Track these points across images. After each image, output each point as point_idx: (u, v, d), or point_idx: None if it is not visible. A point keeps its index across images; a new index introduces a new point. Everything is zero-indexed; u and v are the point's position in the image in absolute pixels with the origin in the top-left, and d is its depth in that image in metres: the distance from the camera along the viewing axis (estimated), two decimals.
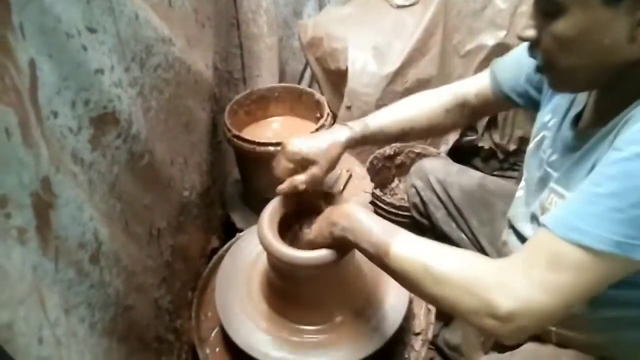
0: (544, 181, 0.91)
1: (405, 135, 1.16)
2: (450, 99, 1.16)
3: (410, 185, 1.50)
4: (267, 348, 1.05)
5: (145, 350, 0.89)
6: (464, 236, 1.36)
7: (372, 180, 1.71)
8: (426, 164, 1.48)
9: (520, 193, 1.03)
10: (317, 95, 1.48)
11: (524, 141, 2.07)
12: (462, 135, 2.05)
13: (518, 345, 1.05)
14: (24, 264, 0.53)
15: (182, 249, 1.09)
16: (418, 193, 1.47)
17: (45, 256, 0.57)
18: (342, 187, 1.62)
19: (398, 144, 1.91)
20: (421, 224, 1.51)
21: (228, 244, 1.34)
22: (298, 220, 1.15)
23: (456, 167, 1.46)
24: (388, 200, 1.68)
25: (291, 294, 1.09)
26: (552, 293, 0.63)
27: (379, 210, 1.71)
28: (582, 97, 0.88)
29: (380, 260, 0.77)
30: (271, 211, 1.08)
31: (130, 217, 0.85)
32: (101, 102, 0.73)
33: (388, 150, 1.87)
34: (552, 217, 0.68)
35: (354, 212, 0.83)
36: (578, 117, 0.88)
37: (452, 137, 2.01)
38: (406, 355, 1.15)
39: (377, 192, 1.73)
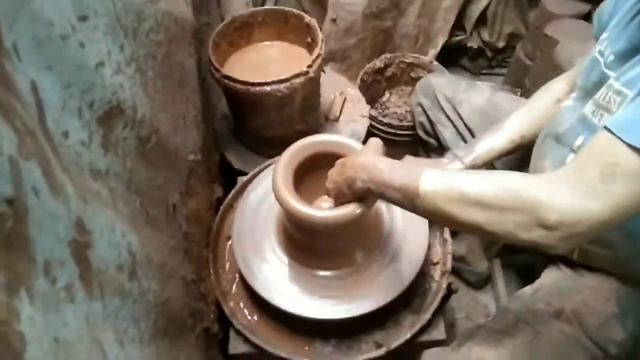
0: (599, 84, 0.85)
1: (518, 146, 1.14)
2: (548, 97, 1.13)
3: (417, 103, 1.45)
4: (289, 295, 1.05)
5: (184, 331, 0.87)
6: None
7: (363, 95, 1.64)
8: (433, 80, 1.43)
9: (568, 102, 0.99)
10: (307, 18, 1.35)
11: (513, 38, 2.00)
12: (450, 36, 1.95)
13: (524, 251, 1.08)
14: (77, 320, 0.48)
15: (194, 213, 1.04)
16: (425, 112, 1.43)
17: (92, 300, 0.52)
18: (338, 113, 1.55)
19: (388, 55, 1.81)
20: (428, 143, 1.48)
21: (233, 191, 1.30)
22: (315, 165, 1.09)
23: (464, 82, 1.41)
24: (385, 121, 1.63)
25: (310, 245, 1.07)
26: (605, 200, 0.60)
27: (377, 132, 1.66)
28: None
29: (412, 202, 0.73)
30: (284, 164, 1.02)
31: (149, 206, 0.78)
32: (105, 97, 0.63)
33: (378, 63, 1.78)
34: (615, 118, 0.64)
35: (371, 162, 0.78)
36: None
37: (440, 40, 1.92)
38: (427, 286, 1.18)
39: (373, 112, 1.67)
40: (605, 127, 0.64)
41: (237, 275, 1.20)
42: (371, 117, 1.62)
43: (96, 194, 0.58)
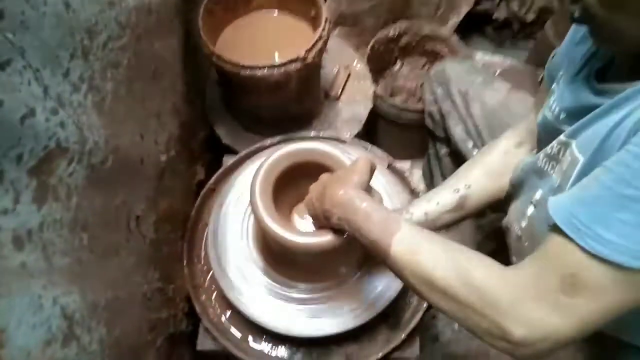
0: (552, 138, 0.78)
1: (463, 198, 1.02)
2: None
3: (430, 91, 1.36)
4: (260, 302, 1.01)
5: (144, 349, 0.84)
6: None
7: (372, 63, 1.52)
8: (449, 69, 1.32)
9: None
10: None
11: (544, 12, 1.81)
12: (476, 4, 1.78)
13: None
14: None
15: (165, 212, 0.98)
16: (437, 102, 1.33)
17: None
18: (340, 90, 1.44)
19: (404, 22, 1.65)
20: (433, 133, 1.40)
21: (215, 175, 1.22)
22: (300, 173, 1.01)
23: (480, 76, 1.29)
24: (390, 102, 1.51)
25: (287, 259, 1.02)
26: (568, 316, 0.57)
27: (381, 113, 1.55)
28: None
29: (382, 259, 0.72)
30: (263, 176, 0.95)
31: (102, 234, 0.72)
32: (39, 145, 0.55)
33: (392, 31, 1.63)
34: (564, 212, 0.58)
35: (349, 202, 0.74)
36: (598, 72, 0.73)
37: (464, 9, 1.75)
38: (407, 301, 1.13)
39: (380, 90, 1.54)
40: (556, 226, 0.58)
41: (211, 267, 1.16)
42: (376, 96, 1.50)
43: (18, 271, 0.51)
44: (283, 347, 1.07)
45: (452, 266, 0.65)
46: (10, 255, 0.51)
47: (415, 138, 1.63)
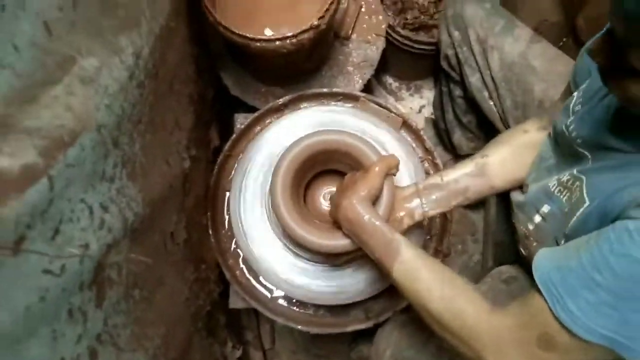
0: (570, 155, 0.80)
1: (482, 166, 0.99)
2: None
3: (447, 34, 1.29)
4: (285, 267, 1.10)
5: (191, 341, 0.94)
6: (494, 109, 1.26)
7: None
8: (467, 12, 1.24)
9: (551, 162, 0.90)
10: None
11: None
12: None
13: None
14: None
15: (192, 206, 1.01)
16: (454, 46, 1.27)
17: None
18: (350, 29, 1.35)
19: None
20: (449, 75, 1.35)
21: (230, 141, 1.22)
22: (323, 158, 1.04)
23: (501, 21, 1.22)
24: (404, 33, 1.43)
25: None
26: None
27: (394, 46, 1.47)
28: None
29: (386, 275, 0.83)
30: (284, 172, 0.97)
31: (147, 277, 0.76)
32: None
33: None
34: (545, 275, 0.66)
35: (353, 219, 0.84)
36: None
37: None
38: None
39: (392, 22, 1.45)
40: (538, 289, 0.66)
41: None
42: (390, 28, 1.42)
43: None
44: (308, 304, 1.18)
45: (446, 302, 0.74)
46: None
47: (427, 64, 1.58)
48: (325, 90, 1.23)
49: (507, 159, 0.97)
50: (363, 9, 1.36)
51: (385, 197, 0.90)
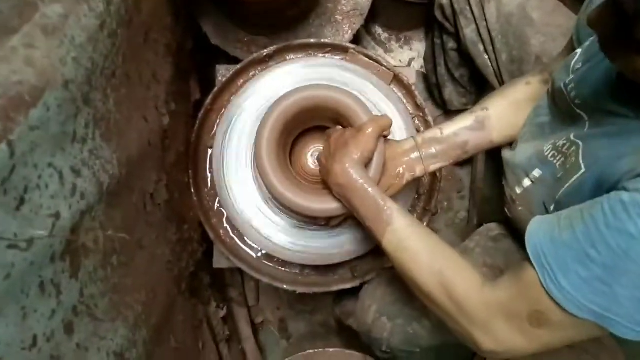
0: (568, 114, 0.77)
1: (483, 117, 0.95)
2: None
3: None
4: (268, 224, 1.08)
5: (172, 311, 0.91)
6: (489, 63, 1.21)
7: None
8: None
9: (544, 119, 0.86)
10: None
11: None
12: None
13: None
14: None
15: (172, 164, 0.95)
16: None
17: None
18: None
19: None
20: (442, 24, 1.29)
21: (211, 95, 1.15)
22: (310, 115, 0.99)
23: None
24: None
25: None
26: (532, 341, 0.67)
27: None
28: None
29: (377, 242, 0.80)
30: (270, 131, 0.93)
31: (127, 239, 0.72)
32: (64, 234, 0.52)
33: None
34: (537, 246, 0.64)
35: (346, 183, 0.81)
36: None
37: None
38: None
39: None
40: (530, 262, 0.63)
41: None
42: None
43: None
44: (293, 263, 1.16)
45: (436, 274, 0.72)
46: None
47: (418, 12, 1.51)
48: (312, 40, 1.16)
49: (507, 113, 0.94)
50: None
51: (375, 160, 0.87)
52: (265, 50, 1.14)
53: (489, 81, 1.23)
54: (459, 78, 1.39)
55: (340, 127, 0.95)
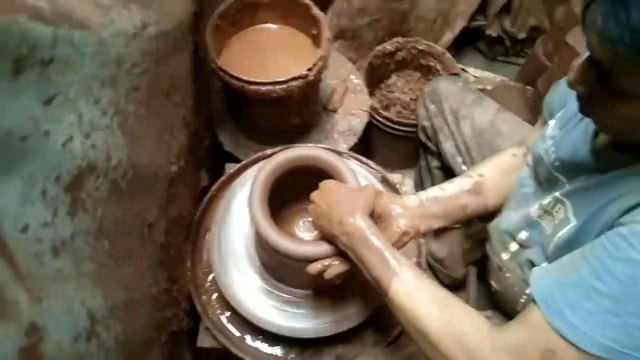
0: (548, 181, 0.85)
1: (478, 184, 1.01)
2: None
3: (423, 107, 1.44)
4: (259, 304, 1.08)
5: (149, 346, 0.91)
6: None
7: (369, 75, 1.60)
8: (442, 87, 1.40)
9: (528, 189, 0.94)
10: (315, 10, 1.27)
11: (535, 31, 1.90)
12: (470, 20, 1.85)
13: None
14: None
15: (174, 218, 1.05)
16: (430, 118, 1.41)
17: None
18: (337, 104, 1.51)
19: (400, 39, 1.72)
20: (425, 145, 1.48)
21: (218, 182, 1.29)
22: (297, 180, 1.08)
23: (472, 96, 1.37)
24: (385, 114, 1.59)
25: (284, 268, 1.08)
26: None
27: (378, 125, 1.63)
28: None
29: (382, 295, 0.79)
30: (262, 184, 1.01)
31: (120, 240, 0.79)
32: (74, 166, 0.62)
33: (389, 46, 1.71)
34: (543, 291, 0.65)
35: (355, 232, 0.81)
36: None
37: (459, 25, 1.83)
38: None
39: (375, 101, 1.62)
40: (536, 305, 0.65)
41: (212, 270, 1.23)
42: (372, 109, 1.58)
43: (55, 276, 0.58)
44: (278, 346, 1.15)
45: (446, 323, 0.70)
46: (49, 264, 0.58)
47: (409, 148, 1.71)
48: (310, 145, 1.34)
49: (500, 180, 1.01)
50: (349, 88, 1.54)
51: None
52: (270, 150, 1.32)
53: None
54: None
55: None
